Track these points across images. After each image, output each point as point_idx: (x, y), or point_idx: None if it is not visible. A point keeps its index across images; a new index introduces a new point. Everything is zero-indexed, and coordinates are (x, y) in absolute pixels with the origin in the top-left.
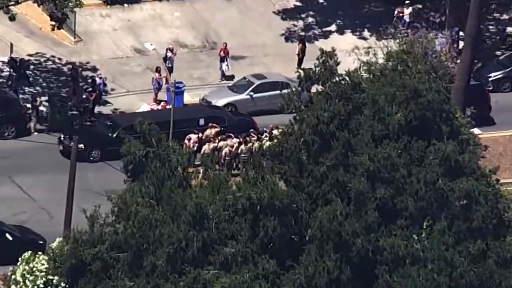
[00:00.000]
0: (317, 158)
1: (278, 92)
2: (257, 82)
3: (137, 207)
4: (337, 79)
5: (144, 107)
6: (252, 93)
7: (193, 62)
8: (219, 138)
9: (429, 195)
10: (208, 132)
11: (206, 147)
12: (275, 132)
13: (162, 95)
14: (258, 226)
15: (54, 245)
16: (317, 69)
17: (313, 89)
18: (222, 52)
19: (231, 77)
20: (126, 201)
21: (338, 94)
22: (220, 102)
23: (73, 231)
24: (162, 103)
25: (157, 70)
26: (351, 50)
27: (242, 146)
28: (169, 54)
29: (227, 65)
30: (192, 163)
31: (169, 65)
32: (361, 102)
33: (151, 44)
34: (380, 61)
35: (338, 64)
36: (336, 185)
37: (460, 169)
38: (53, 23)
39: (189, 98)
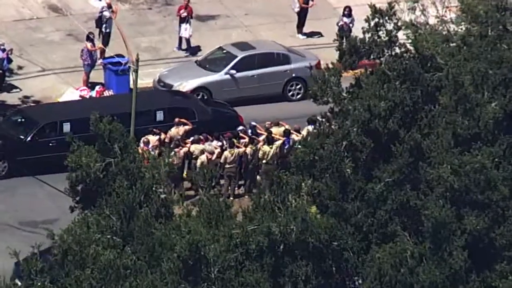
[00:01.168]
0: (370, 171)
1: (273, 69)
2: (241, 55)
3: (96, 248)
4: (397, 50)
5: (70, 93)
6: (234, 71)
7: (139, 26)
8: (191, 140)
9: None
10: (174, 131)
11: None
12: (275, 130)
13: (97, 75)
14: (282, 274)
15: None
16: (367, 36)
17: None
18: (183, 11)
19: (196, 49)
20: (80, 240)
21: (400, 74)
22: (187, 86)
23: None
24: (97, 88)
25: (89, 37)
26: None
27: (227, 153)
28: (106, 13)
29: (186, 28)
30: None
31: (107, 30)
32: (436, 86)
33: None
34: (431, 21)
35: (399, 29)
36: (400, 212)
37: None
38: None
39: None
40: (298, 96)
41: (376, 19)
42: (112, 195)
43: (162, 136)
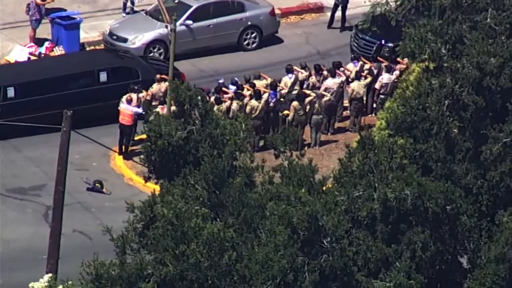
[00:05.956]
0: (481, 131)
1: (229, 17)
2: (195, 4)
3: (197, 221)
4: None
5: (18, 51)
6: (190, 22)
7: None
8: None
9: None
10: (156, 88)
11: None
12: (257, 83)
13: (40, 30)
14: (398, 242)
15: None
16: None
17: None
18: None
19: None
20: (179, 213)
21: (506, 28)
22: (143, 39)
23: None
24: (47, 44)
25: None
26: None
27: (215, 109)
28: None
29: None
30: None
31: None
32: None
33: None
34: None
35: None
36: None
37: None
38: None
39: (83, 33)
40: (254, 45)
41: None
42: (202, 164)
43: (144, 93)
